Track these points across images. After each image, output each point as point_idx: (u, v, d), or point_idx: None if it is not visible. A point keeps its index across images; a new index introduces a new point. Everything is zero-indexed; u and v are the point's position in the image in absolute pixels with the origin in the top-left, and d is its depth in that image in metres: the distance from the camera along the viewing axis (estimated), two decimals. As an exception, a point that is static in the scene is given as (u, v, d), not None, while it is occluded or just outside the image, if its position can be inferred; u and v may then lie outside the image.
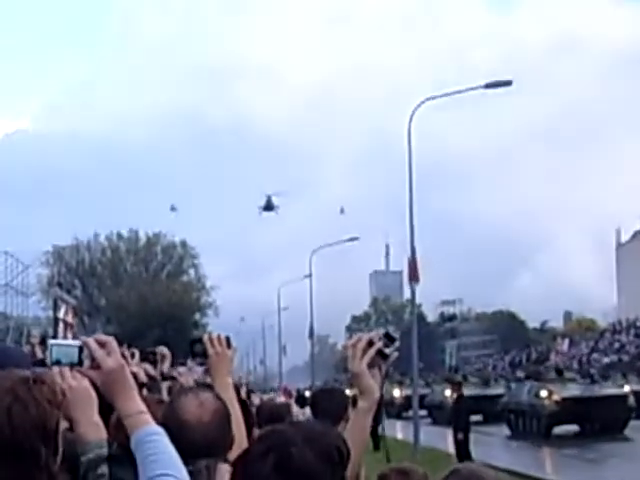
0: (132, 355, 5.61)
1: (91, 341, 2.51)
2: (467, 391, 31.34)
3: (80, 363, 2.53)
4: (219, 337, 3.65)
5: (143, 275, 63.92)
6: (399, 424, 30.42)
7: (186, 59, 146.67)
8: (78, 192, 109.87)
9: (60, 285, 33.83)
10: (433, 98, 23.81)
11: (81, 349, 2.51)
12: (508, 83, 23.79)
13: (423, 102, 23.11)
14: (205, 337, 3.69)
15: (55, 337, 25.52)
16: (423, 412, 36.48)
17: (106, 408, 2.65)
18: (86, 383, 2.61)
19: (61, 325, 23.77)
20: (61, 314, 25.26)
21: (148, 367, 6.06)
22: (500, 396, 31.13)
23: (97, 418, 2.65)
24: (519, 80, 27.49)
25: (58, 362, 2.60)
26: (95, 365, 2.49)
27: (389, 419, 37.33)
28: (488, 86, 23.55)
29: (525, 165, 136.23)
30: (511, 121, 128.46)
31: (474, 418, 31.90)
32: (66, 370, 2.58)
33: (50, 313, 30.69)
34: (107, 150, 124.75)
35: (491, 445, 24.61)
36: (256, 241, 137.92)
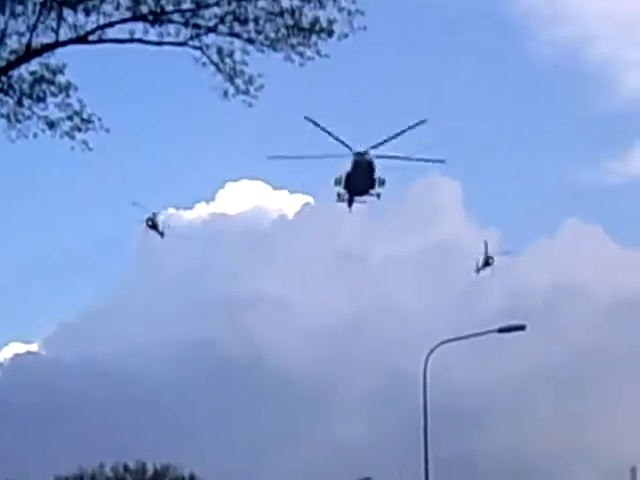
0: None
1: None
2: None
3: None
4: None
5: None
6: None
7: (202, 291, 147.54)
8: (85, 420, 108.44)
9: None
10: (448, 341, 24.15)
11: None
12: (521, 327, 24.15)
13: (438, 345, 23.45)
14: None
15: None
16: None
17: None
18: None
19: None
20: None
21: None
22: None
23: None
24: (530, 322, 27.82)
25: None
26: None
27: None
28: (502, 330, 23.89)
29: (538, 405, 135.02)
30: (523, 362, 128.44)
31: None
32: None
33: None
34: (117, 378, 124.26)
35: None
36: (271, 474, 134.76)
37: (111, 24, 16.42)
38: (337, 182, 40.85)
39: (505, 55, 69.54)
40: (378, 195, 40.27)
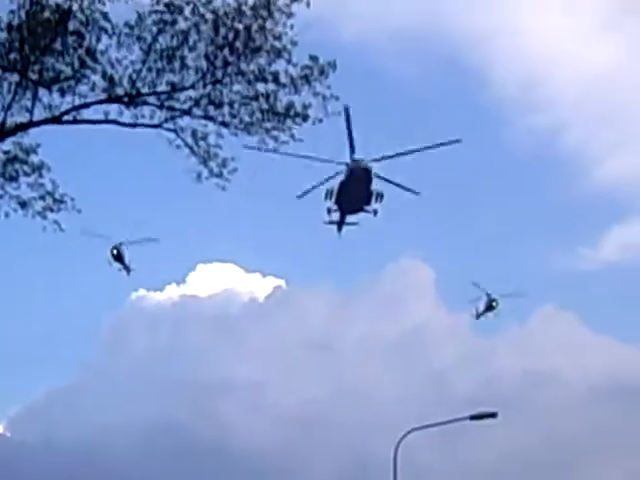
0: None
1: None
2: None
3: None
4: None
5: None
6: None
7: (171, 374, 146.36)
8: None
9: None
10: (420, 428, 23.94)
11: None
12: (493, 415, 23.98)
13: (409, 433, 23.22)
14: None
15: None
16: None
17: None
18: None
19: None
20: None
21: None
22: None
23: None
24: (501, 408, 27.68)
25: None
26: None
27: None
28: (474, 418, 23.71)
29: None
30: (495, 449, 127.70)
31: None
32: None
33: None
34: (83, 460, 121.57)
35: None
36: None
37: (86, 105, 16.44)
38: (328, 195, 34.94)
39: (479, 142, 70.28)
40: (375, 212, 34.78)
